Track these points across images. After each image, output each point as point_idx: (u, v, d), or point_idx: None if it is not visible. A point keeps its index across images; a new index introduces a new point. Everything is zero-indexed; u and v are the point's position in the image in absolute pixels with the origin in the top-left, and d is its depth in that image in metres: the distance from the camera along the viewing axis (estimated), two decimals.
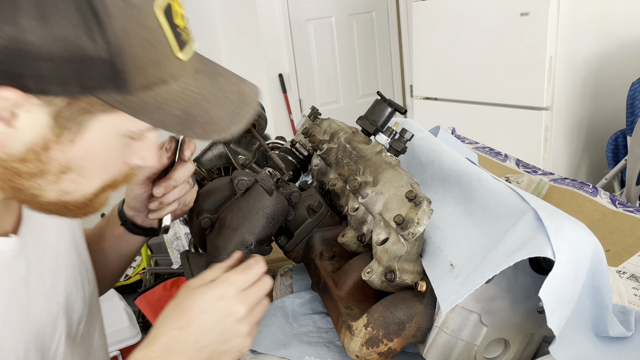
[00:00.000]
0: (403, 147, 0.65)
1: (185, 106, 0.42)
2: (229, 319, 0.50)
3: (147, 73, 0.40)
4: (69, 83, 0.37)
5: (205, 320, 0.49)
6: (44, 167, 0.43)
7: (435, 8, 2.19)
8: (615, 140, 1.91)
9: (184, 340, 0.49)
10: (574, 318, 0.49)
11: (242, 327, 0.51)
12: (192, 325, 0.49)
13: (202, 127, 0.43)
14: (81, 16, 0.36)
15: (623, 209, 0.94)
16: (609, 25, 1.95)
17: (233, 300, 0.50)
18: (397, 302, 0.54)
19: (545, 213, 0.48)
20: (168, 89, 0.42)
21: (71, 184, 0.45)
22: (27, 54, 0.35)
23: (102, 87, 0.38)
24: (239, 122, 0.46)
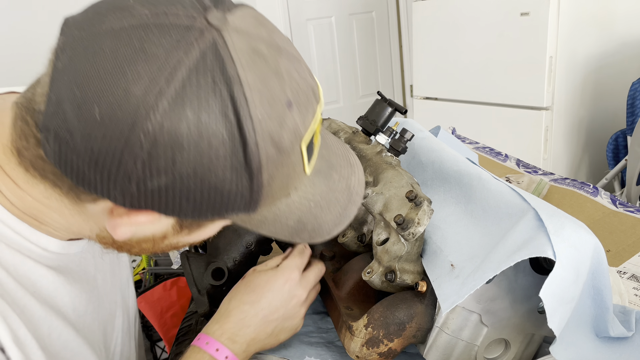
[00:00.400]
0: (403, 147, 0.65)
1: (300, 215, 0.43)
2: (293, 300, 0.58)
3: (276, 196, 0.40)
4: (203, 212, 0.38)
5: (273, 298, 0.57)
6: (156, 245, 0.45)
7: (436, 8, 2.19)
8: (616, 140, 1.91)
9: (254, 314, 0.56)
10: (575, 318, 0.49)
11: (301, 310, 0.60)
12: (261, 301, 0.57)
13: (309, 234, 0.44)
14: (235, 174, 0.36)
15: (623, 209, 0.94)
16: (609, 25, 1.95)
17: (297, 285, 0.59)
18: (398, 303, 0.54)
19: (545, 213, 0.48)
20: (288, 201, 0.42)
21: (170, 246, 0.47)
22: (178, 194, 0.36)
23: (234, 212, 0.39)
24: (343, 223, 0.46)
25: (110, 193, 0.36)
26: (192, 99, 0.33)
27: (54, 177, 0.39)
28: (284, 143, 0.37)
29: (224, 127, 0.34)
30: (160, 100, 0.32)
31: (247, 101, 0.34)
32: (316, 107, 0.41)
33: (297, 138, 0.38)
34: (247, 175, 0.36)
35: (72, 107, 0.33)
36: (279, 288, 0.58)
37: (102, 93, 0.32)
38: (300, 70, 0.39)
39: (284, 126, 0.37)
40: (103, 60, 0.33)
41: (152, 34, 0.33)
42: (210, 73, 0.33)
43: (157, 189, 0.35)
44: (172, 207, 0.37)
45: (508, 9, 1.88)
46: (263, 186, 0.37)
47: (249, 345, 0.55)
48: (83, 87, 0.33)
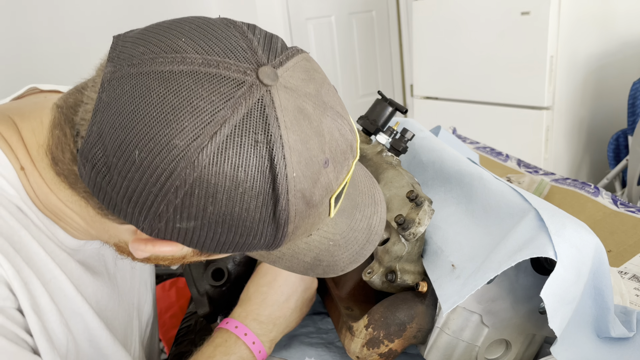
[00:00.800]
0: (404, 146, 0.65)
1: (317, 253, 0.43)
2: None
3: (298, 235, 0.40)
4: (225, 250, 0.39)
5: (288, 274, 0.59)
6: (171, 263, 0.46)
7: (436, 7, 2.18)
8: (617, 140, 1.90)
9: (274, 292, 0.58)
10: (576, 319, 0.49)
11: (314, 282, 0.62)
12: (278, 279, 0.59)
13: (323, 269, 0.45)
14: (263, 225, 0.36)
15: (625, 209, 0.94)
16: (610, 24, 1.95)
17: None
18: (398, 303, 0.54)
19: (546, 213, 0.47)
20: (308, 240, 0.42)
21: None
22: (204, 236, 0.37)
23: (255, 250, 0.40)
24: (358, 262, 0.46)
25: (139, 224, 0.36)
26: (232, 156, 0.33)
27: (85, 193, 0.40)
28: (314, 199, 0.37)
29: (259, 184, 0.35)
30: (202, 154, 0.33)
31: (286, 162, 0.34)
32: (351, 162, 0.41)
33: (328, 193, 0.39)
34: (273, 225, 0.37)
35: (112, 145, 0.34)
36: None
37: (144, 138, 0.33)
38: (342, 128, 0.39)
39: (317, 184, 0.37)
40: (149, 106, 0.33)
41: (201, 86, 0.33)
42: (253, 133, 0.34)
43: (184, 229, 0.36)
44: (197, 243, 0.38)
45: (508, 8, 1.87)
46: (287, 235, 0.38)
47: (275, 324, 0.57)
48: (126, 129, 0.33)
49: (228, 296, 0.64)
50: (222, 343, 0.55)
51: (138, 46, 0.35)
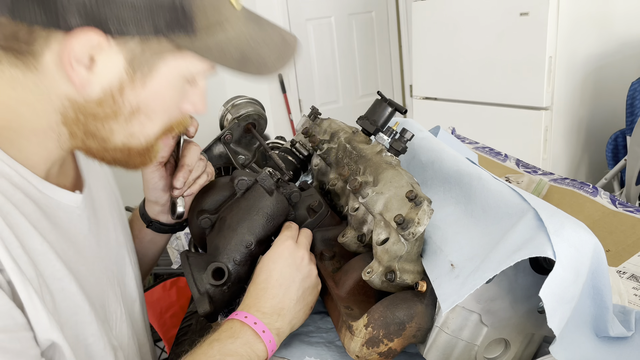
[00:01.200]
0: (403, 147, 0.65)
1: (241, 48, 0.48)
2: (300, 261, 0.61)
3: (209, 15, 0.45)
4: (144, 25, 0.43)
5: (283, 266, 0.60)
6: (118, 109, 0.48)
7: (435, 8, 2.19)
8: (615, 140, 1.91)
9: (272, 286, 0.59)
10: (575, 318, 0.49)
11: (312, 267, 0.63)
12: (273, 274, 0.60)
13: (255, 67, 0.49)
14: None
15: (623, 209, 0.94)
16: (608, 25, 1.95)
17: (295, 248, 0.62)
18: (398, 302, 0.54)
19: (545, 213, 0.48)
20: (227, 34, 0.48)
21: (139, 125, 0.51)
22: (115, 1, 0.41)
23: (172, 29, 0.44)
24: (285, 61, 0.52)
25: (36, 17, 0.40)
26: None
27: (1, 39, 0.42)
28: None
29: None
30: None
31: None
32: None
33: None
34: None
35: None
36: (279, 255, 0.61)
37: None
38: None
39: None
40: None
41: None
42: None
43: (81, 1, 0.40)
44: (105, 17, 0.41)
45: (507, 9, 1.88)
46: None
47: (279, 315, 0.58)
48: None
49: (228, 296, 0.64)
50: (228, 329, 0.55)
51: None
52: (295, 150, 0.87)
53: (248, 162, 0.93)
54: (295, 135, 0.92)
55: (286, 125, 3.23)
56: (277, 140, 1.03)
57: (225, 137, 0.89)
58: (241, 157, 0.92)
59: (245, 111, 0.90)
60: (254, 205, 0.65)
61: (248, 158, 0.93)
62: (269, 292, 0.59)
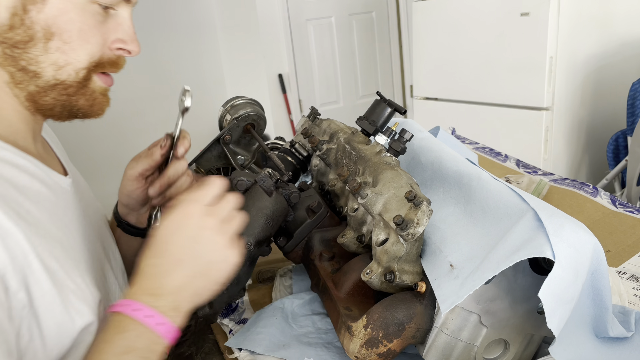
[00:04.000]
0: (403, 147, 0.65)
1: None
2: (201, 232, 0.50)
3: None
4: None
5: (178, 238, 0.50)
6: (30, 31, 0.48)
7: (435, 8, 2.19)
8: (616, 141, 1.91)
9: (165, 262, 0.50)
10: (574, 319, 0.49)
11: (218, 238, 0.51)
12: (168, 248, 0.50)
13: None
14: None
15: (623, 209, 0.94)
16: (609, 25, 1.95)
17: (200, 215, 0.51)
18: (397, 303, 0.54)
19: (545, 213, 0.47)
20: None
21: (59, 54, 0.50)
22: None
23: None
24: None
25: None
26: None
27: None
28: None
29: None
30: None
31: None
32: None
33: None
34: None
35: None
36: (179, 225, 0.51)
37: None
38: None
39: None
40: None
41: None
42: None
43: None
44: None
45: (508, 9, 1.88)
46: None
47: (176, 295, 0.49)
48: None
49: (227, 297, 0.64)
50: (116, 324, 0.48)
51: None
52: (295, 151, 0.87)
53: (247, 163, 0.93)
54: (295, 135, 0.92)
55: (286, 125, 3.23)
56: (277, 141, 1.03)
57: (225, 137, 0.89)
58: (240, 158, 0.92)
59: (244, 112, 0.90)
60: (253, 205, 0.65)
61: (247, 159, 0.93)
62: (160, 269, 0.50)
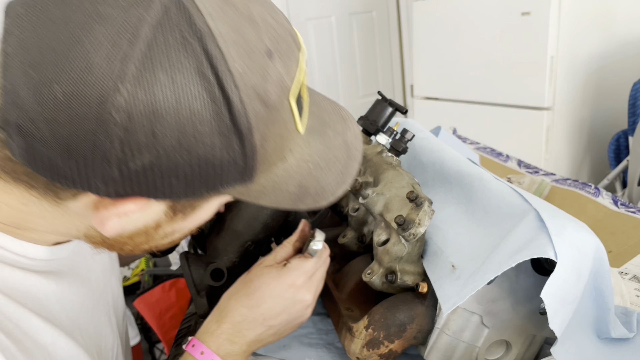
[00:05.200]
0: (404, 147, 0.64)
1: (300, 180, 0.40)
2: (297, 305, 0.53)
3: (272, 161, 0.37)
4: (196, 189, 0.35)
5: (275, 304, 0.52)
6: (150, 237, 0.42)
7: (436, 8, 2.18)
8: (617, 141, 1.90)
9: (254, 319, 0.52)
10: (576, 319, 0.49)
11: (307, 311, 0.55)
12: (262, 307, 0.52)
13: (312, 198, 0.41)
14: (224, 139, 0.33)
15: (625, 209, 0.94)
16: (610, 24, 1.95)
17: (302, 290, 0.53)
18: (398, 304, 0.54)
19: (547, 214, 0.47)
20: (285, 166, 0.39)
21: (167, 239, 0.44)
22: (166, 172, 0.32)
23: (229, 184, 0.36)
24: (346, 182, 0.43)
25: (90, 183, 0.32)
26: (161, 59, 0.30)
27: (27, 177, 0.36)
28: (270, 97, 0.34)
29: (203, 87, 0.31)
30: (127, 65, 0.29)
31: (223, 54, 0.31)
32: (298, 55, 0.37)
33: (284, 91, 0.35)
34: (237, 138, 0.33)
35: (30, 92, 0.30)
36: (280, 293, 0.52)
37: (60, 68, 0.29)
38: (276, 15, 0.36)
39: (268, 78, 0.33)
40: (54, 31, 0.29)
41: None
42: (177, 28, 0.30)
43: (141, 169, 0.32)
44: (162, 188, 0.33)
45: (509, 9, 1.87)
46: (256, 150, 0.34)
47: (249, 346, 0.53)
48: (38, 66, 0.29)
49: None
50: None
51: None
52: None
53: None
54: None
55: None
56: None
57: None
58: None
59: None
60: (254, 206, 0.65)
61: None
62: (248, 323, 0.52)
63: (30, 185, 0.36)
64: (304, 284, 0.53)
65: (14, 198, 0.39)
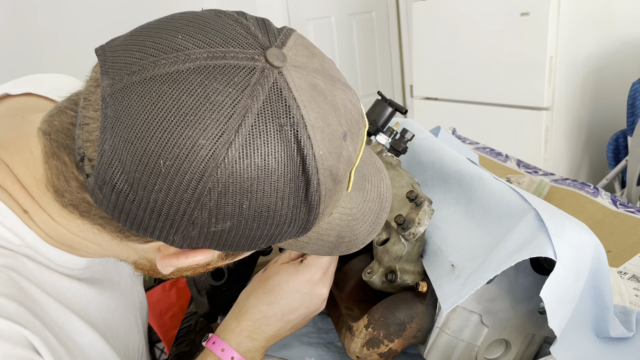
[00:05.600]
0: (404, 147, 0.65)
1: (339, 231, 0.43)
2: (314, 299, 0.56)
3: (324, 216, 0.40)
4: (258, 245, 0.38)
5: (293, 299, 0.55)
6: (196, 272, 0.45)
7: (435, 8, 2.19)
8: (616, 141, 1.90)
9: (273, 315, 0.55)
10: (575, 319, 0.49)
11: (323, 305, 0.57)
12: (281, 303, 0.55)
13: (346, 246, 0.44)
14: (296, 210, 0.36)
15: (624, 209, 0.94)
16: (609, 24, 1.95)
17: (319, 284, 0.56)
18: (398, 303, 0.54)
19: (546, 213, 0.47)
20: (329, 219, 0.42)
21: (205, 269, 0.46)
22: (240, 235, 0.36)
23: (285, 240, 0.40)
24: (375, 231, 0.46)
25: (169, 238, 0.35)
26: (260, 145, 0.32)
27: (100, 219, 0.38)
28: (340, 174, 0.37)
29: (289, 169, 0.34)
30: (230, 149, 0.32)
31: (312, 141, 0.34)
32: (363, 131, 0.41)
33: (350, 166, 0.39)
34: (305, 209, 0.36)
35: (133, 160, 0.32)
36: (298, 289, 0.55)
37: (167, 145, 0.31)
38: (353, 99, 0.39)
39: (341, 159, 0.37)
40: (164, 111, 0.31)
41: (215, 80, 0.32)
42: (276, 118, 0.33)
43: (219, 232, 0.35)
44: (230, 245, 0.37)
45: (508, 9, 1.87)
46: (319, 217, 0.38)
47: (267, 341, 0.55)
48: (145, 139, 0.31)
49: (228, 295, 0.64)
50: None
51: (133, 52, 0.33)
52: None
53: None
54: None
55: None
56: None
57: None
58: None
59: None
60: None
61: None
62: (268, 319, 0.55)
63: (101, 225, 0.39)
64: (320, 278, 0.56)
65: (74, 226, 0.41)
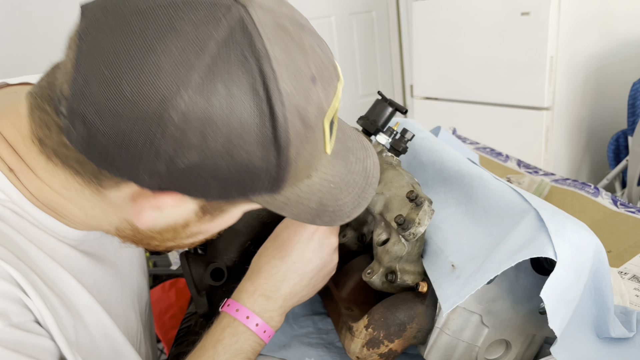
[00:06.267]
0: (404, 147, 0.65)
1: (320, 197, 0.43)
2: (325, 249, 0.56)
3: (299, 176, 0.41)
4: (230, 192, 0.38)
5: (305, 249, 0.55)
6: (177, 235, 0.45)
7: (436, 7, 2.19)
8: (617, 141, 1.90)
9: (287, 269, 0.54)
10: (576, 319, 0.49)
11: (334, 256, 0.57)
12: (292, 255, 0.55)
13: (329, 216, 0.44)
14: (264, 150, 0.36)
15: (625, 209, 0.94)
16: (610, 24, 1.95)
17: (327, 232, 0.56)
18: (398, 303, 0.54)
19: (547, 213, 0.47)
20: (309, 182, 0.42)
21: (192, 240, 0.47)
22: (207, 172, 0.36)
23: (259, 192, 0.39)
24: (361, 206, 0.46)
25: (137, 174, 0.35)
26: (222, 73, 0.33)
27: (76, 164, 0.39)
28: (309, 118, 0.37)
29: (254, 101, 0.34)
30: (192, 74, 0.32)
31: (276, 75, 0.34)
32: (337, 84, 0.41)
33: (321, 114, 0.39)
34: (275, 151, 0.36)
35: (100, 87, 0.33)
36: (308, 238, 0.55)
37: (132, 70, 0.32)
38: (322, 46, 0.40)
39: (310, 101, 0.37)
40: (132, 38, 0.33)
41: (181, 11, 0.33)
42: (239, 47, 0.34)
43: (186, 168, 0.35)
44: (200, 188, 0.37)
45: (508, 9, 1.87)
46: (290, 163, 0.38)
47: (285, 300, 0.55)
48: (112, 65, 0.33)
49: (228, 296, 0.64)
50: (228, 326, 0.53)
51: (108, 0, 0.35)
52: None
53: None
54: None
55: None
56: None
57: None
58: None
59: None
60: None
61: None
62: (281, 274, 0.54)
63: (77, 171, 0.39)
64: (327, 228, 0.56)
65: (57, 182, 0.42)
